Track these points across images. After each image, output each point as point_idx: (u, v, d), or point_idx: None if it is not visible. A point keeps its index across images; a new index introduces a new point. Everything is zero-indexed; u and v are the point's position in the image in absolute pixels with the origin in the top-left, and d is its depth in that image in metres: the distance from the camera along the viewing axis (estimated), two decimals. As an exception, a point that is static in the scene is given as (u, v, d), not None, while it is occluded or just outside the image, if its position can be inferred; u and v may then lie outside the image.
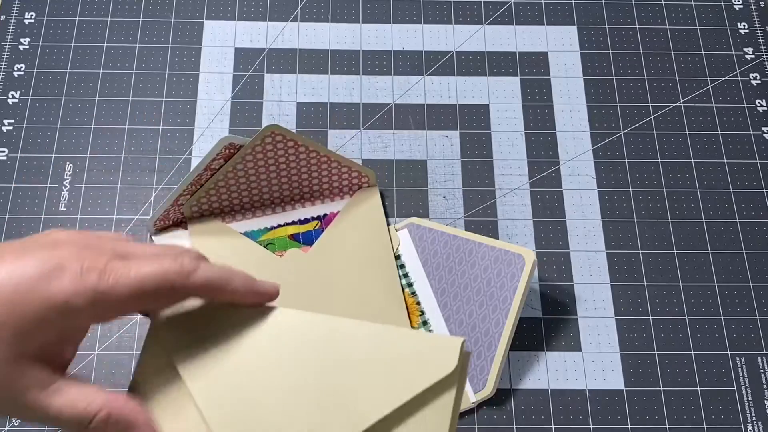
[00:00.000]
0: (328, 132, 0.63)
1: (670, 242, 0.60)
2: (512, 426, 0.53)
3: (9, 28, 0.65)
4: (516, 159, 0.62)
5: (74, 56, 0.65)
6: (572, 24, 0.68)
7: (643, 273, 0.58)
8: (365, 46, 0.66)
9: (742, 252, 0.59)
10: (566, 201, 0.61)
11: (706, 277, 0.58)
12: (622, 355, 0.56)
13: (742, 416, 0.54)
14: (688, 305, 0.57)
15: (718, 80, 0.66)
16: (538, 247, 0.59)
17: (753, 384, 0.55)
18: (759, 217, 0.61)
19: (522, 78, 0.66)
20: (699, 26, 0.68)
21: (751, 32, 0.68)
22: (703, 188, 0.62)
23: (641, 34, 0.68)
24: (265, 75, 0.65)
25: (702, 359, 0.56)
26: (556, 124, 0.64)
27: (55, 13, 0.66)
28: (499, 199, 0.61)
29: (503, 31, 0.68)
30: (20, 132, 0.61)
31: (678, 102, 0.65)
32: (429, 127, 0.63)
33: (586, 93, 0.65)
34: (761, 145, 0.63)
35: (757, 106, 0.65)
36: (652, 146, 0.63)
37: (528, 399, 0.54)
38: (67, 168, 0.60)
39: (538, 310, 0.57)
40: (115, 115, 0.63)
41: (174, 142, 0.62)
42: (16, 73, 0.64)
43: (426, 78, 0.65)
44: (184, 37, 0.66)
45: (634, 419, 0.53)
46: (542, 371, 0.55)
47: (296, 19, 0.67)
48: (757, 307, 0.57)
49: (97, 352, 0.54)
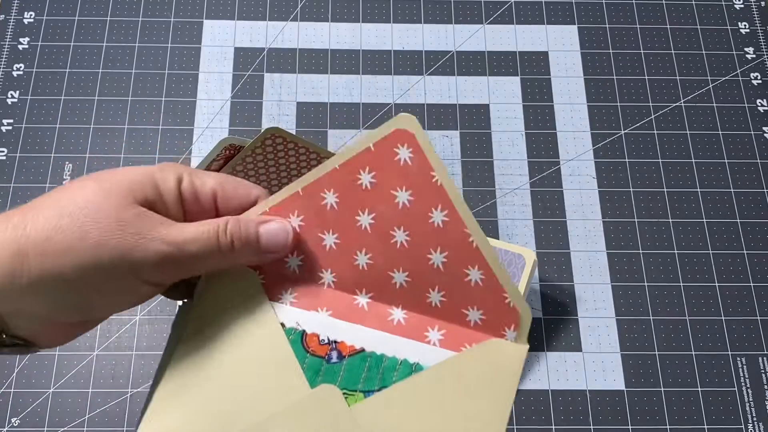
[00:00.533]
0: (328, 132, 0.63)
1: (670, 242, 0.60)
2: (513, 426, 0.53)
3: (8, 28, 0.65)
4: (516, 159, 0.62)
5: (74, 56, 0.65)
6: (573, 24, 0.68)
7: (643, 273, 0.58)
8: (365, 45, 0.66)
9: (743, 252, 0.59)
10: (567, 201, 0.61)
11: (707, 277, 0.58)
12: (623, 356, 0.55)
13: (743, 417, 0.54)
14: (689, 305, 0.57)
15: (719, 80, 0.66)
16: (539, 247, 0.59)
17: (754, 384, 0.55)
18: (760, 217, 0.61)
19: (522, 78, 0.66)
20: (700, 26, 0.68)
21: (751, 32, 0.68)
22: (704, 188, 0.62)
23: (642, 34, 0.68)
24: (264, 75, 0.65)
25: (703, 359, 0.56)
26: (557, 124, 0.64)
27: (54, 13, 0.66)
28: (499, 199, 0.61)
29: (503, 31, 0.68)
30: (19, 132, 0.61)
31: (679, 102, 0.65)
32: (429, 127, 0.63)
33: (587, 93, 0.65)
34: (762, 145, 0.63)
35: (758, 106, 0.65)
36: (653, 146, 0.63)
37: (528, 399, 0.54)
38: (66, 168, 0.60)
39: (539, 310, 0.57)
40: (114, 115, 0.63)
41: (173, 142, 0.62)
42: (16, 72, 0.64)
43: (426, 78, 0.65)
44: (184, 36, 0.66)
45: (635, 419, 0.53)
46: (542, 371, 0.55)
47: (296, 18, 0.67)
48: (757, 307, 0.57)
49: (97, 352, 0.54)
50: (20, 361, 0.54)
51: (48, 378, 0.53)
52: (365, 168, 0.31)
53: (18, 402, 0.52)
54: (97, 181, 0.29)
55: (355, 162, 0.31)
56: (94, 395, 0.53)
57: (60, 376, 0.53)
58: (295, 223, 0.32)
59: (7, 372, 0.53)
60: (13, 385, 0.53)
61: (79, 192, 0.29)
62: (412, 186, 0.30)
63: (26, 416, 0.52)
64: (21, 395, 0.53)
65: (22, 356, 0.54)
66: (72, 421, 0.52)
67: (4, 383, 0.53)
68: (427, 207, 0.30)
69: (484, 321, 0.31)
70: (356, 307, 0.32)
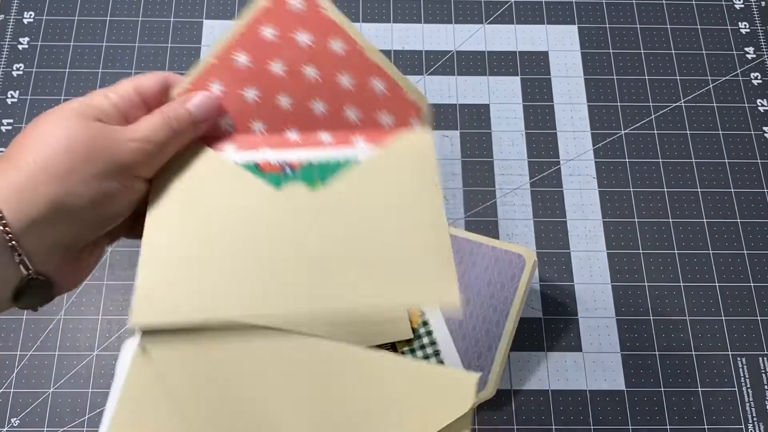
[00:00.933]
0: (328, 132, 0.63)
1: (670, 242, 0.59)
2: (512, 427, 0.53)
3: (8, 28, 0.65)
4: (516, 159, 0.62)
5: (73, 56, 0.65)
6: (573, 23, 0.68)
7: (643, 273, 0.58)
8: (365, 45, 0.66)
9: (743, 252, 0.59)
10: (567, 201, 0.61)
11: (707, 277, 0.58)
12: (623, 356, 0.55)
13: (743, 417, 0.54)
14: (689, 305, 0.57)
15: (719, 80, 0.66)
16: (539, 247, 0.59)
17: (754, 384, 0.55)
18: (760, 217, 0.61)
19: (522, 77, 0.66)
20: (700, 26, 0.68)
21: (752, 32, 0.68)
22: (704, 188, 0.62)
23: (642, 34, 0.68)
24: (264, 74, 0.65)
25: (703, 359, 0.55)
26: (557, 124, 0.64)
27: (54, 13, 0.66)
28: (499, 199, 0.61)
29: (503, 31, 0.68)
30: (20, 132, 0.61)
31: (679, 101, 0.65)
32: (429, 126, 0.63)
33: (587, 92, 0.65)
34: (762, 145, 0.63)
35: (758, 106, 0.65)
36: (653, 146, 0.63)
37: (528, 399, 0.54)
38: (66, 168, 0.60)
39: (539, 311, 0.57)
40: (114, 115, 0.62)
41: (173, 142, 0.62)
42: (15, 72, 0.64)
43: (426, 77, 0.65)
44: (184, 36, 0.66)
45: (635, 420, 0.53)
46: (543, 372, 0.55)
47: (296, 18, 0.67)
48: (758, 307, 0.57)
49: (97, 352, 0.54)
50: (20, 361, 0.54)
51: (48, 378, 0.53)
52: (266, 23, 0.36)
53: (18, 402, 0.52)
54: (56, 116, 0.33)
55: (255, 21, 0.36)
56: (94, 395, 0.53)
57: (60, 376, 0.53)
58: (217, 89, 0.36)
59: (7, 372, 0.53)
60: (13, 385, 0.53)
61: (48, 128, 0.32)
62: (308, 27, 0.36)
63: (26, 416, 0.52)
64: (21, 395, 0.52)
65: (27, 343, 0.54)
66: (72, 421, 0.52)
67: (4, 383, 0.53)
68: (325, 40, 0.36)
69: (395, 121, 0.37)
70: (290, 141, 0.37)
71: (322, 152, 0.37)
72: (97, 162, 0.32)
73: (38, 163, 0.31)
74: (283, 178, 0.36)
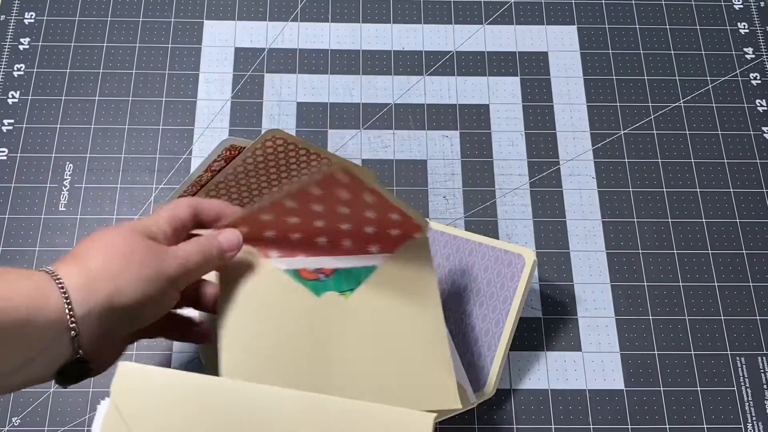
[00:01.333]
0: (328, 132, 0.63)
1: (670, 242, 0.60)
2: (512, 426, 0.53)
3: (9, 28, 0.65)
4: (516, 159, 0.62)
5: (74, 56, 0.65)
6: (572, 24, 0.68)
7: (643, 273, 0.58)
8: (365, 46, 0.66)
9: (743, 252, 0.59)
10: (566, 201, 0.61)
11: (707, 277, 0.58)
12: (622, 355, 0.56)
13: (743, 416, 0.54)
14: (688, 305, 0.57)
15: (718, 80, 0.66)
16: (538, 247, 0.59)
17: (753, 384, 0.55)
18: (759, 217, 0.61)
19: (522, 78, 0.66)
20: (699, 26, 0.68)
21: (751, 32, 0.68)
22: (704, 188, 0.62)
23: (641, 34, 0.68)
24: (265, 75, 0.65)
25: (702, 359, 0.56)
26: (556, 124, 0.64)
27: (55, 13, 0.66)
28: (499, 199, 0.61)
29: (503, 31, 0.68)
30: (20, 132, 0.61)
31: (678, 102, 0.65)
32: (429, 127, 0.63)
33: (586, 93, 0.65)
34: (761, 145, 0.63)
35: (757, 106, 0.65)
36: (652, 146, 0.63)
37: (528, 399, 0.54)
38: (67, 168, 0.60)
39: (538, 310, 0.57)
40: (115, 115, 0.63)
41: (174, 142, 0.62)
42: (16, 73, 0.64)
43: (426, 78, 0.65)
44: (184, 37, 0.66)
45: (634, 419, 0.53)
46: (542, 371, 0.55)
47: (296, 19, 0.67)
48: (757, 307, 0.57)
49: (97, 352, 0.54)
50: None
51: (48, 378, 0.53)
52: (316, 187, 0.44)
53: (18, 402, 0.53)
54: (118, 231, 0.40)
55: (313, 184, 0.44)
56: (94, 395, 0.53)
57: (60, 375, 0.53)
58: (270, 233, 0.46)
59: (7, 372, 0.53)
60: (14, 384, 0.53)
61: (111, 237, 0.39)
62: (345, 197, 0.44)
63: (26, 416, 0.52)
64: (21, 395, 0.53)
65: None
66: (72, 421, 0.52)
67: (5, 383, 0.53)
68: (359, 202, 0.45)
69: (402, 234, 0.47)
70: (319, 245, 0.47)
71: (347, 260, 0.46)
72: (148, 269, 0.38)
73: (99, 263, 0.37)
74: (321, 286, 0.45)
